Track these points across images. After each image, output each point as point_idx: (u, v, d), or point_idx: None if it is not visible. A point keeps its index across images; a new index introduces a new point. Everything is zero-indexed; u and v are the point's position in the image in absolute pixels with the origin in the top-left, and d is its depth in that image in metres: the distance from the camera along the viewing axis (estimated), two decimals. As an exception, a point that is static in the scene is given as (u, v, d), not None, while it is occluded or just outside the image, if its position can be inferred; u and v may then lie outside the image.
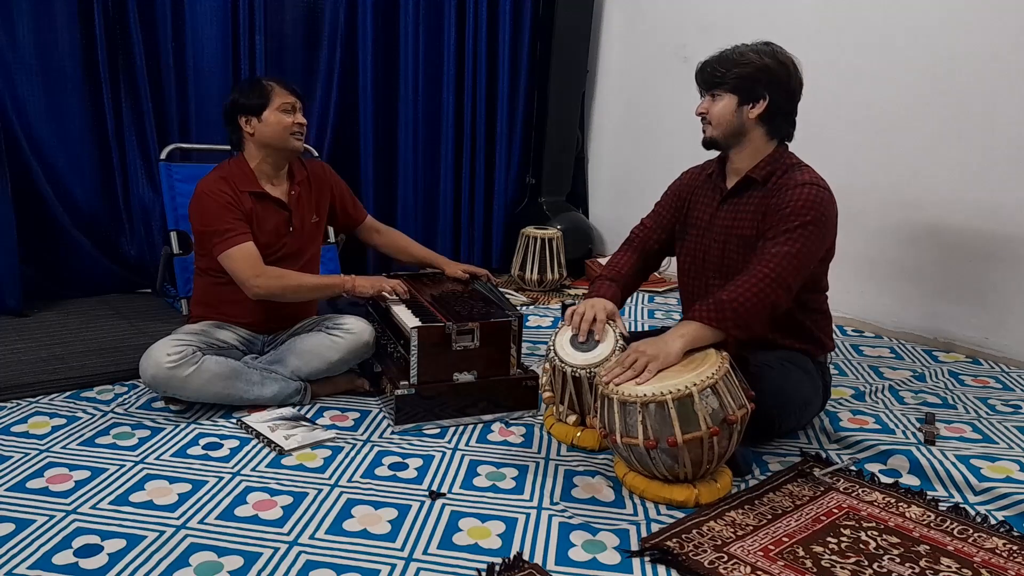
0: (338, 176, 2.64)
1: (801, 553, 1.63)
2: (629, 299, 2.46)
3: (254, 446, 2.06)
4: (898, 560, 1.62)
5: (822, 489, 1.90)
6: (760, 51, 2.04)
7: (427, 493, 1.85)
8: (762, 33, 2.26)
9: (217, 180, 2.31)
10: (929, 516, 1.79)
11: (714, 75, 2.05)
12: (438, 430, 2.20)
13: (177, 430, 2.13)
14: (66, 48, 3.15)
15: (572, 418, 2.13)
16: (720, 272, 2.14)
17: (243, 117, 2.33)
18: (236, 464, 1.96)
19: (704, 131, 2.11)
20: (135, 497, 1.78)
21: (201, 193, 2.29)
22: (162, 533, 1.64)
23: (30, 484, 1.82)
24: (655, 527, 1.72)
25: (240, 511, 1.74)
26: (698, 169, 2.30)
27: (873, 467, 2.03)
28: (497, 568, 1.55)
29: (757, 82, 2.01)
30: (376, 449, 2.07)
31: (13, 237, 3.00)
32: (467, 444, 2.12)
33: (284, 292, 2.30)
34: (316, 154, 3.40)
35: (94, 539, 1.61)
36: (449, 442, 2.13)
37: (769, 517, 1.77)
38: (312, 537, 1.65)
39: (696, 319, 1.89)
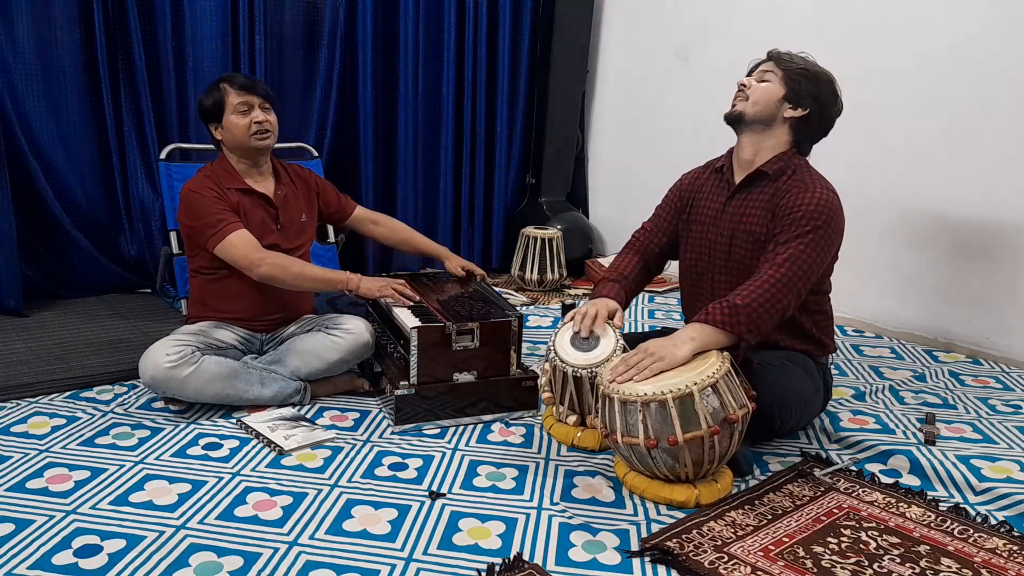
0: (318, 176, 2.66)
1: (801, 553, 1.63)
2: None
3: (254, 446, 2.06)
4: (898, 560, 1.62)
5: (822, 489, 1.90)
6: (823, 70, 2.08)
7: (427, 493, 1.84)
8: (762, 33, 2.27)
9: (202, 179, 2.33)
10: (929, 516, 1.79)
11: (780, 58, 2.07)
12: (438, 430, 2.20)
13: (177, 430, 2.13)
14: (66, 48, 3.15)
15: (572, 418, 2.12)
16: (726, 268, 2.13)
17: (211, 124, 2.35)
18: (236, 464, 1.96)
19: (735, 104, 2.09)
20: (135, 497, 1.78)
21: (188, 192, 2.30)
22: (162, 533, 1.64)
23: (30, 484, 1.82)
24: (655, 527, 1.72)
25: (240, 511, 1.74)
26: (700, 169, 2.29)
27: (873, 467, 2.03)
28: (497, 568, 1.55)
29: (808, 90, 2.04)
30: (376, 449, 2.07)
31: (13, 237, 3.00)
32: (467, 444, 2.12)
33: (286, 277, 2.29)
34: (316, 154, 3.40)
35: (94, 539, 1.61)
36: (449, 442, 2.13)
37: (769, 517, 1.77)
38: (312, 537, 1.65)
39: (709, 322, 1.87)
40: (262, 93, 2.35)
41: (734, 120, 2.09)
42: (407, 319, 2.25)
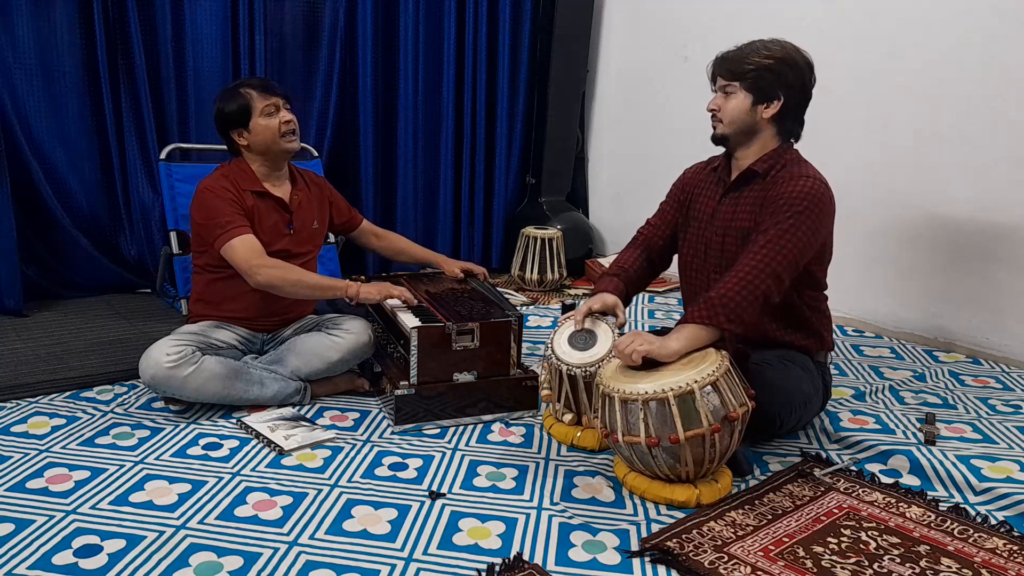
0: (330, 184, 2.67)
1: (801, 553, 1.63)
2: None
3: (254, 446, 2.06)
4: (898, 560, 1.62)
5: (822, 489, 1.90)
6: (778, 50, 2.02)
7: (427, 493, 1.84)
8: (762, 32, 2.26)
9: (219, 178, 2.34)
10: (929, 516, 1.79)
11: (731, 70, 2.04)
12: (438, 430, 2.20)
13: (177, 430, 2.13)
14: (66, 48, 3.15)
15: (568, 416, 2.13)
16: (720, 266, 2.14)
17: (234, 130, 2.35)
18: (236, 464, 1.96)
19: (714, 128, 2.10)
20: (135, 497, 1.78)
21: (203, 189, 2.32)
22: (162, 533, 1.64)
23: (30, 484, 1.82)
24: (655, 527, 1.72)
25: (240, 511, 1.74)
26: (702, 164, 2.30)
27: (873, 467, 2.03)
28: (497, 568, 1.55)
29: (773, 82, 2.01)
30: (376, 449, 2.07)
31: (13, 237, 3.00)
32: (467, 444, 2.12)
33: (285, 284, 2.29)
34: (316, 154, 3.40)
35: (94, 539, 1.61)
36: (449, 442, 2.13)
37: (769, 517, 1.77)
38: (312, 537, 1.65)
39: (690, 321, 1.90)
40: (283, 94, 2.38)
41: (721, 142, 2.12)
42: (407, 319, 2.25)
